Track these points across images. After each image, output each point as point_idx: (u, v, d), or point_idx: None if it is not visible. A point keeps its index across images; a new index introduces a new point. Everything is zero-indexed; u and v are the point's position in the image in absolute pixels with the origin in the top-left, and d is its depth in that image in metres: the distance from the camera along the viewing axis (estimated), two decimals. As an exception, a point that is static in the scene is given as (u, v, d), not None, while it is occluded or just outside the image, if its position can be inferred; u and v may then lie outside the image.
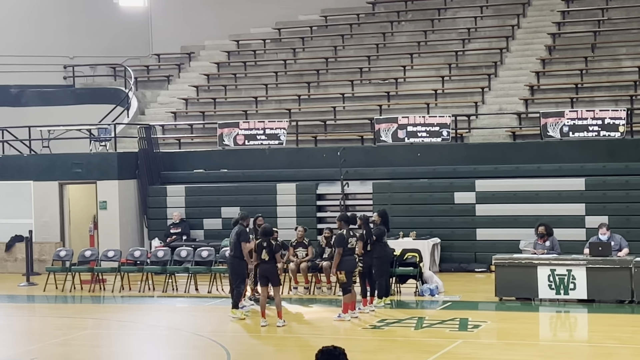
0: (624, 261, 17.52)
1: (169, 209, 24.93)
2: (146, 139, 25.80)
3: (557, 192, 21.80)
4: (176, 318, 18.04)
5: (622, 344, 14.36)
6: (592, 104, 23.85)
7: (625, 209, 21.22)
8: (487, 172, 22.67)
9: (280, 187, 24.14)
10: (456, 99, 26.06)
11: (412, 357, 13.64)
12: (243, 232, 17.17)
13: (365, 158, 24.00)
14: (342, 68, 28.81)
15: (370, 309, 17.32)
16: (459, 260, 22.47)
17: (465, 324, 15.99)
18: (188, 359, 14.09)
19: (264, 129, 25.06)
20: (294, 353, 14.60)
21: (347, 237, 16.52)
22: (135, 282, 21.33)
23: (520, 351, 14.13)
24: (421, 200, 22.90)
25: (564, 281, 17.68)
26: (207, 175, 25.27)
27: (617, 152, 21.99)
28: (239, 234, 17.13)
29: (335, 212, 23.22)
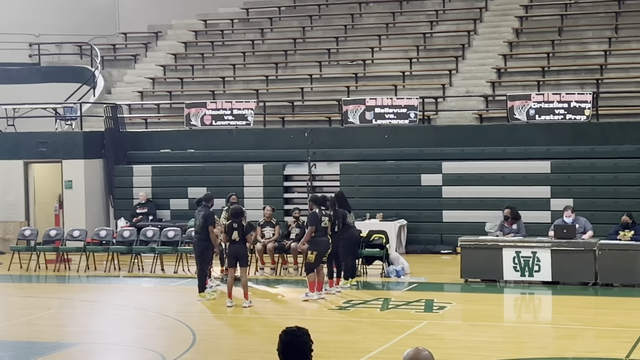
0: (588, 244, 17.68)
1: (135, 188, 24.82)
2: (112, 118, 25.64)
3: (523, 175, 21.93)
4: (142, 298, 17.99)
5: (585, 326, 14.49)
6: (559, 87, 23.97)
7: (590, 192, 21.38)
8: (454, 154, 22.75)
9: (247, 168, 24.10)
10: (424, 81, 26.09)
11: (377, 338, 13.68)
12: (210, 215, 17.10)
13: (332, 139, 23.99)
14: (310, 49, 28.75)
15: (336, 290, 17.36)
16: (425, 242, 22.56)
17: (431, 305, 16.07)
18: (153, 340, 14.06)
19: (232, 110, 24.98)
20: (260, 334, 14.61)
21: (320, 216, 16.54)
22: (101, 262, 21.24)
23: (484, 332, 14.23)
24: (388, 182, 22.95)
25: (529, 263, 17.81)
26: (174, 155, 25.17)
27: (582, 136, 22.13)
28: (205, 217, 17.07)
29: (303, 194, 23.29)
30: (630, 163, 21.32)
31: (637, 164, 21.25)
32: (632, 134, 21.77)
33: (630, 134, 21.77)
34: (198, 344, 13.61)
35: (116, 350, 13.65)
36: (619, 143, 21.69)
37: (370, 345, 13.16)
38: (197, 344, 13.57)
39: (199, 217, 17.20)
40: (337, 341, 13.45)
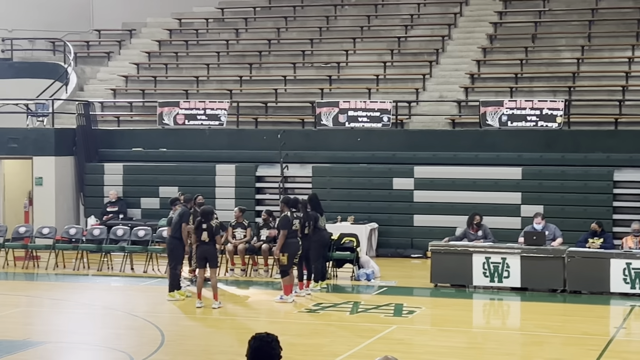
0: (558, 251, 17.79)
1: (106, 187, 24.71)
2: (84, 115, 25.51)
3: (494, 181, 22.03)
4: (111, 297, 17.92)
5: (553, 333, 14.58)
6: (531, 94, 24.10)
7: (560, 199, 21.51)
8: (426, 158, 22.81)
9: (219, 168, 24.06)
10: (397, 85, 26.15)
11: (346, 341, 13.70)
12: (186, 213, 17.12)
13: (305, 141, 24.00)
14: (285, 50, 28.75)
15: (306, 293, 17.37)
16: (395, 245, 22.61)
17: (400, 310, 16.12)
18: (122, 340, 14.01)
19: (205, 109, 24.93)
20: (229, 335, 14.59)
21: (291, 219, 16.54)
22: (70, 260, 21.14)
23: (453, 338, 14.28)
24: (360, 185, 23.00)
25: (499, 269, 17.90)
26: (146, 154, 25.08)
27: (553, 143, 22.26)
28: (181, 215, 17.08)
29: (275, 195, 23.27)
30: (600, 171, 21.47)
31: (607, 172, 21.41)
32: (603, 142, 21.92)
33: (601, 142, 21.93)
34: (167, 344, 13.57)
35: (84, 350, 13.59)
36: (589, 151, 21.84)
37: (339, 348, 13.18)
38: (166, 345, 13.53)
39: (176, 215, 17.20)
40: (306, 344, 13.46)
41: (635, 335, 14.91)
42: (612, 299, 17.16)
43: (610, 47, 25.76)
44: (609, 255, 17.43)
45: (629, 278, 17.15)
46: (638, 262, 17.12)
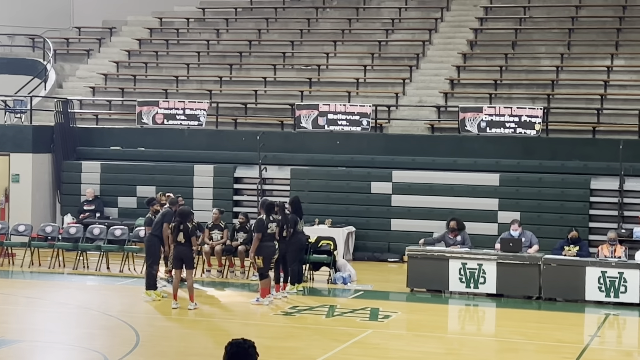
0: (534, 258, 17.86)
1: (84, 185, 24.61)
2: (63, 113, 25.39)
3: (471, 187, 22.09)
4: (86, 296, 17.85)
5: (527, 340, 14.64)
6: (510, 101, 24.18)
7: (537, 206, 21.59)
8: (405, 163, 22.85)
9: (197, 169, 24.01)
10: (377, 89, 26.19)
11: (322, 345, 13.71)
12: (169, 213, 17.09)
13: (284, 143, 23.99)
14: (266, 52, 28.72)
15: (282, 295, 17.36)
16: (372, 249, 22.63)
17: (376, 314, 16.13)
18: (96, 339, 13.95)
19: (184, 109, 24.88)
20: (205, 337, 14.56)
21: (267, 222, 16.52)
22: (46, 258, 21.03)
23: (428, 343, 14.31)
24: (338, 188, 23.00)
25: (475, 275, 17.95)
26: (124, 153, 25.00)
27: (532, 150, 22.36)
28: (164, 214, 17.07)
29: (253, 196, 23.27)
30: (578, 179, 21.58)
31: (584, 180, 21.52)
32: (580, 150, 22.03)
33: (579, 150, 22.04)
34: (141, 345, 13.53)
35: (58, 349, 13.53)
36: (567, 159, 21.95)
37: (314, 352, 13.18)
38: (141, 346, 13.49)
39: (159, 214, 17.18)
40: (281, 347, 13.45)
41: (609, 343, 14.99)
42: (587, 307, 17.25)
43: (590, 55, 25.90)
44: (584, 263, 17.52)
45: (604, 286, 17.24)
46: (613, 270, 17.22)
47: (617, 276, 17.19)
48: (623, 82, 24.63)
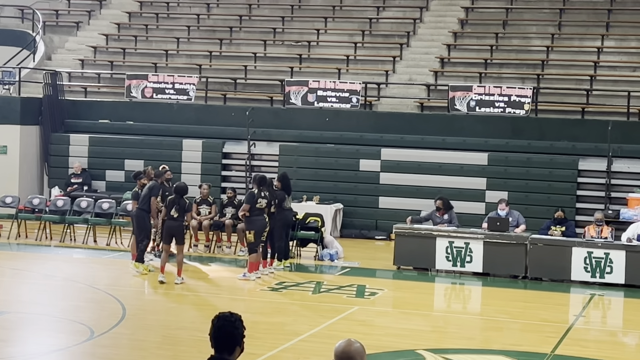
0: (520, 237, 17.91)
1: (71, 157, 24.54)
2: (51, 85, 25.28)
3: (460, 165, 22.11)
4: (73, 269, 17.86)
5: (512, 319, 14.70)
6: (500, 81, 24.17)
7: (525, 186, 21.64)
8: (393, 141, 22.85)
9: (186, 143, 23.96)
10: (367, 67, 26.14)
11: (308, 321, 13.75)
12: (156, 187, 17.07)
13: (273, 119, 23.95)
14: (256, 27, 28.61)
15: (269, 271, 17.39)
16: (360, 227, 22.66)
17: (363, 291, 16.18)
18: (83, 312, 13.95)
19: (173, 84, 24.80)
20: (191, 311, 14.59)
21: (257, 196, 16.52)
22: (33, 230, 21.00)
23: (413, 320, 14.36)
24: (327, 165, 22.99)
25: (461, 254, 18.00)
26: (112, 126, 24.92)
27: (520, 130, 22.38)
28: (151, 188, 17.03)
29: (241, 172, 23.25)
30: (566, 160, 21.62)
31: (572, 161, 21.56)
32: (569, 131, 22.06)
33: (567, 131, 22.07)
34: (127, 318, 13.55)
35: (44, 321, 13.52)
36: (555, 139, 21.98)
37: (301, 328, 13.22)
38: (127, 319, 13.51)
39: (145, 188, 17.14)
40: (268, 322, 13.48)
41: (593, 323, 15.07)
42: (572, 287, 17.32)
43: (580, 36, 25.88)
44: (570, 243, 17.59)
45: (590, 267, 17.32)
46: (599, 251, 17.29)
47: (603, 257, 17.26)
48: (613, 64, 24.65)
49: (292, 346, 12.20)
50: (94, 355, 11.61)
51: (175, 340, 12.42)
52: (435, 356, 11.85)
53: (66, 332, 12.79)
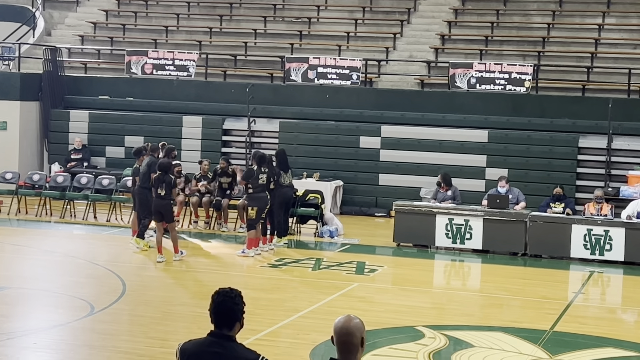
0: (520, 214, 17.92)
1: (71, 134, 24.53)
2: (51, 61, 25.23)
3: (460, 143, 22.09)
4: (73, 245, 17.87)
5: (512, 295, 14.73)
6: (501, 58, 24.12)
7: (525, 163, 21.63)
8: (394, 118, 22.83)
9: (186, 120, 23.94)
10: (368, 43, 26.07)
11: (307, 297, 13.77)
12: (154, 162, 16.95)
13: (273, 96, 23.91)
14: (256, 3, 28.50)
15: (269, 247, 17.40)
16: (360, 203, 22.67)
17: (362, 268, 16.20)
18: (83, 288, 13.97)
19: (173, 60, 24.74)
20: (191, 287, 14.61)
21: (257, 173, 16.52)
22: (33, 206, 21.01)
23: (413, 297, 14.39)
24: (327, 142, 22.98)
25: (461, 231, 18.02)
26: (112, 102, 24.89)
27: (521, 107, 22.35)
28: (149, 164, 16.93)
29: (241, 149, 23.24)
30: (566, 137, 21.60)
31: (572, 138, 21.55)
32: (569, 108, 22.04)
33: (567, 108, 22.04)
34: (128, 294, 13.58)
35: (45, 297, 13.54)
36: (556, 116, 21.95)
37: (300, 304, 13.25)
38: (127, 295, 13.54)
39: (144, 165, 17.03)
40: (268, 299, 13.50)
41: (592, 300, 15.10)
42: (571, 264, 17.35)
43: (581, 13, 25.80)
44: (570, 220, 17.60)
45: (589, 244, 17.34)
46: (599, 228, 17.30)
47: (603, 234, 17.28)
48: (614, 41, 24.58)
49: (291, 322, 12.23)
50: (94, 330, 11.64)
51: (176, 316, 12.45)
52: (435, 332, 11.88)
53: (66, 308, 12.81)
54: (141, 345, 10.94)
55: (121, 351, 10.68)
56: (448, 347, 11.32)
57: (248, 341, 10.04)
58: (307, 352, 10.70)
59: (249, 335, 10.69)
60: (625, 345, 11.81)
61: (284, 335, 11.60)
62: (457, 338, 11.74)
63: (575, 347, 11.55)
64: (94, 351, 10.71)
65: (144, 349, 10.79)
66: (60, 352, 10.73)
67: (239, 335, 5.53)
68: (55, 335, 11.43)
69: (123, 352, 10.66)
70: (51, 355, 10.67)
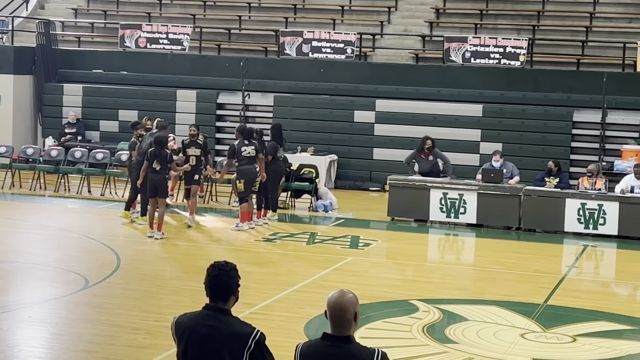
0: (514, 189, 17.95)
1: (65, 107, 24.47)
2: (45, 34, 25.14)
3: (454, 117, 22.08)
4: (67, 219, 17.87)
5: (506, 269, 14.77)
6: (495, 32, 24.06)
7: (520, 138, 21.63)
8: (388, 92, 22.79)
9: (180, 94, 23.88)
10: (362, 17, 25.98)
11: (302, 271, 13.80)
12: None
13: (268, 70, 23.86)
14: (250, -24, 28.33)
15: (263, 222, 17.41)
16: (354, 178, 22.67)
17: (356, 242, 16.23)
18: (77, 262, 13.98)
19: (167, 33, 24.66)
20: (185, 261, 14.63)
21: (239, 147, 16.46)
22: (27, 180, 20.99)
23: (407, 271, 14.44)
24: (321, 116, 22.95)
25: (455, 205, 18.04)
26: (106, 76, 24.82)
27: (515, 81, 22.33)
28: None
29: (235, 123, 23.17)
30: (560, 111, 21.60)
31: (567, 112, 21.55)
32: (564, 83, 22.02)
33: (562, 83, 22.03)
34: (122, 268, 13.59)
35: (39, 271, 13.55)
36: (550, 91, 21.94)
37: (295, 278, 13.27)
38: (121, 269, 13.55)
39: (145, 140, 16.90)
40: (262, 273, 13.53)
41: (586, 274, 15.15)
42: (565, 238, 17.40)
43: (577, -13, 25.71)
44: (564, 195, 17.62)
45: (583, 218, 17.37)
46: (593, 202, 17.33)
47: (597, 208, 17.31)
48: (608, 15, 24.51)
49: (286, 296, 12.26)
50: (89, 304, 11.66)
51: (170, 290, 12.48)
52: (429, 306, 11.92)
53: (61, 282, 12.83)
54: (136, 319, 10.96)
55: (116, 324, 10.71)
56: (442, 321, 11.37)
57: (242, 315, 10.07)
58: (301, 326, 10.73)
59: (244, 309, 10.72)
60: (619, 318, 11.86)
61: (278, 309, 11.63)
62: (450, 312, 11.79)
63: (569, 321, 11.59)
64: (89, 324, 10.73)
65: (139, 323, 10.81)
66: (55, 326, 10.76)
67: (234, 309, 5.54)
68: (50, 309, 11.45)
69: (118, 325, 10.68)
70: (46, 328, 10.70)
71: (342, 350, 5.18)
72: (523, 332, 10.95)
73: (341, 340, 5.20)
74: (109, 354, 9.70)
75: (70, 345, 10.02)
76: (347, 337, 5.20)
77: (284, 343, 7.93)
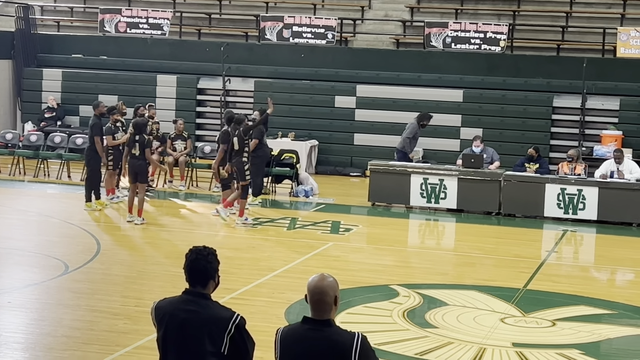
0: (494, 174, 18.00)
1: (44, 92, 24.35)
2: (24, 18, 24.98)
3: (435, 102, 22.10)
4: (47, 204, 17.80)
5: (485, 254, 14.82)
6: (476, 17, 24.08)
7: (500, 123, 21.69)
8: (369, 77, 22.80)
9: (160, 79, 23.80)
10: (343, 2, 25.93)
11: (283, 256, 13.81)
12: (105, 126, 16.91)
13: (248, 55, 23.80)
14: (231, -39, 28.23)
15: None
16: (335, 163, 22.68)
17: (337, 227, 16.24)
18: (57, 247, 13.94)
19: (147, 18, 24.55)
20: (165, 246, 14.60)
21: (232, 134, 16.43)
22: (6, 165, 20.88)
23: (387, 256, 14.46)
24: (302, 101, 22.93)
25: (436, 190, 18.07)
26: (86, 61, 24.70)
27: (495, 67, 22.37)
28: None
29: (216, 108, 23.15)
30: (540, 97, 21.66)
31: (547, 98, 21.61)
32: (544, 68, 22.08)
33: (542, 68, 22.08)
34: (102, 253, 13.56)
35: (19, 256, 13.49)
36: (530, 76, 22.00)
37: (275, 263, 13.28)
38: (102, 254, 13.52)
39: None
40: (243, 258, 13.53)
41: (565, 259, 15.23)
42: (545, 223, 17.47)
43: (557, -27, 25.73)
44: (544, 180, 17.69)
45: (563, 203, 17.45)
46: (572, 187, 17.40)
47: (576, 193, 17.39)
48: (588, 0, 24.56)
49: (266, 281, 12.27)
50: (69, 289, 11.63)
51: (150, 275, 12.46)
52: (409, 291, 11.95)
53: (41, 267, 12.78)
54: (116, 304, 10.94)
55: (96, 310, 10.68)
56: (422, 306, 11.40)
57: (223, 300, 10.06)
58: (282, 311, 10.74)
59: (224, 294, 10.72)
60: (597, 303, 11.93)
61: (259, 294, 11.63)
62: (431, 296, 11.83)
63: (548, 305, 11.65)
64: (69, 310, 10.70)
65: (119, 308, 10.79)
66: (35, 311, 10.72)
67: (215, 294, 5.54)
68: (30, 294, 11.41)
69: (98, 310, 10.66)
70: (26, 314, 10.66)
71: (322, 333, 5.18)
72: (503, 317, 11.00)
73: (321, 323, 5.20)
74: (89, 339, 9.68)
75: (50, 330, 9.99)
76: (327, 321, 5.20)
77: (265, 328, 7.95)
